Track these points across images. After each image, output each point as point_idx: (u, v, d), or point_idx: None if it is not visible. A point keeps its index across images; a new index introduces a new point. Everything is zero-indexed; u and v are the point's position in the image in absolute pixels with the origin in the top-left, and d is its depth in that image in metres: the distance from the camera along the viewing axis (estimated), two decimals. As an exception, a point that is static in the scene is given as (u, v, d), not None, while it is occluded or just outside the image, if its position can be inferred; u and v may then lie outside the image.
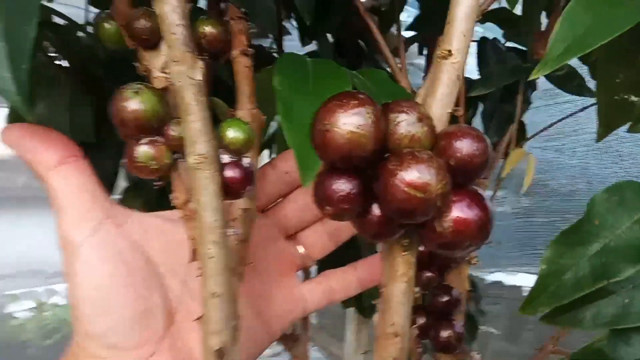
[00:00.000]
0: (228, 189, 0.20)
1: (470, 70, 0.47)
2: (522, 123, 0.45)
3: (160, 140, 0.21)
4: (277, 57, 0.39)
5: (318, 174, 0.16)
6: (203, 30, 0.24)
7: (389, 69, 0.37)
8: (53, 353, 0.26)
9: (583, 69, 0.46)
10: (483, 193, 0.15)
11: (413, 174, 0.14)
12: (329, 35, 0.48)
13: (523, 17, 0.37)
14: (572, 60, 0.45)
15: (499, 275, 1.04)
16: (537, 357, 0.33)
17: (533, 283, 0.22)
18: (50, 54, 0.33)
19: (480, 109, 0.47)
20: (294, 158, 0.22)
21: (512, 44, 0.47)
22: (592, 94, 0.43)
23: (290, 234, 0.30)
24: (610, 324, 0.18)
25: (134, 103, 0.20)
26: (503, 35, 0.48)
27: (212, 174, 0.19)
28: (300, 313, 0.30)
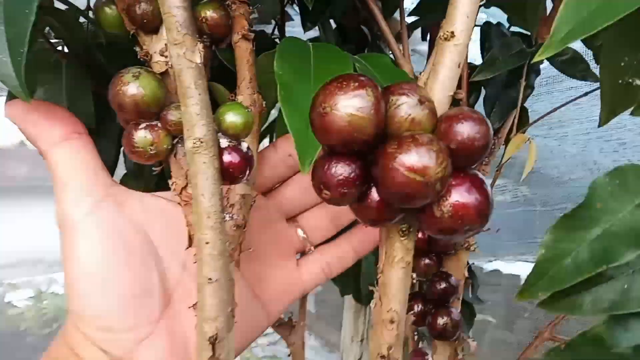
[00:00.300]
0: (226, 174, 0.19)
1: (474, 56, 0.46)
2: (524, 109, 0.44)
3: (159, 125, 0.21)
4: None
5: (317, 158, 0.16)
6: (204, 15, 0.24)
7: (392, 56, 0.37)
8: (52, 341, 0.25)
9: (588, 56, 0.45)
10: (483, 177, 0.15)
11: (412, 157, 0.14)
12: (332, 22, 0.48)
13: (528, 1, 0.36)
14: (576, 47, 0.45)
15: (498, 264, 1.05)
16: (533, 344, 0.34)
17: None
18: (52, 40, 0.32)
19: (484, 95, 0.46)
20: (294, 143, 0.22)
21: (516, 29, 0.47)
22: (596, 79, 0.42)
23: (292, 217, 0.30)
24: (610, 310, 0.18)
25: (133, 87, 0.20)
26: (507, 20, 0.48)
27: (210, 158, 0.18)
28: (299, 294, 0.30)
